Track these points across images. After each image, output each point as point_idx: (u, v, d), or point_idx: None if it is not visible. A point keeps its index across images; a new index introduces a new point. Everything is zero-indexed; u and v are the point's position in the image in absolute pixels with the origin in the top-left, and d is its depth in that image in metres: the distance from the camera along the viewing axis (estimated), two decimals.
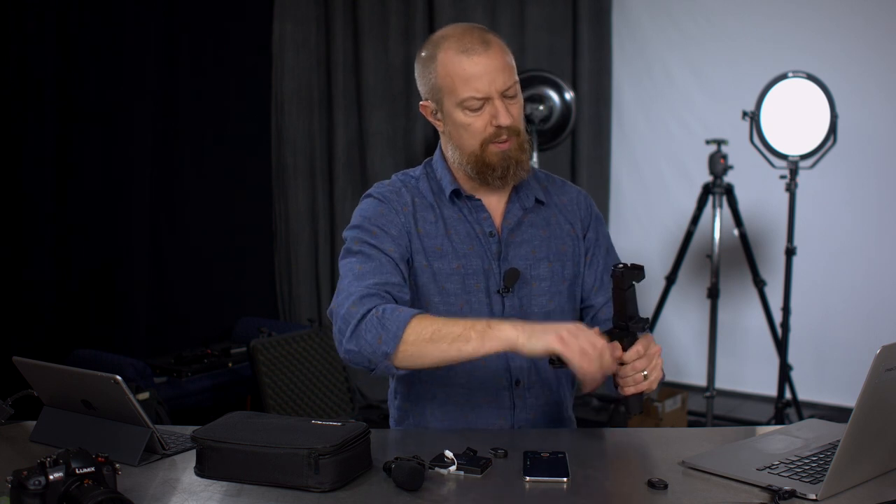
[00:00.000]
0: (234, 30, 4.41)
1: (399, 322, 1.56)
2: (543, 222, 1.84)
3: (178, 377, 3.70)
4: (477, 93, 1.70)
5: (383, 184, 1.84)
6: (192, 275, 4.27)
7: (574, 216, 1.87)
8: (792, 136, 3.72)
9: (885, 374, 1.30)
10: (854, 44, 4.27)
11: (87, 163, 3.87)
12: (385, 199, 1.78)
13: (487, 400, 1.78)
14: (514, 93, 1.73)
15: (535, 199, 1.84)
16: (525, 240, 1.81)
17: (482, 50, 1.70)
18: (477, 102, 1.71)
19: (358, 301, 1.61)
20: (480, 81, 1.69)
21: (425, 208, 1.80)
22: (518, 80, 1.76)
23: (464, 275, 1.77)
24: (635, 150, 4.97)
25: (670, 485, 1.40)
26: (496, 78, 1.70)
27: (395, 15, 4.79)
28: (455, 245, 1.78)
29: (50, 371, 1.67)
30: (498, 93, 1.70)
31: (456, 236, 1.79)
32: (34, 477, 1.24)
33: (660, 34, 4.83)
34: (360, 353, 1.58)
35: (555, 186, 1.90)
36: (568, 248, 1.84)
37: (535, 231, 1.82)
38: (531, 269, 1.79)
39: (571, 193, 1.90)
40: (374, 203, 1.78)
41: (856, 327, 4.30)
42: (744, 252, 3.99)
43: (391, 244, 1.72)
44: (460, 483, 1.44)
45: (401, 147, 4.85)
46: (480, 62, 1.70)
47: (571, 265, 1.83)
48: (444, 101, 1.74)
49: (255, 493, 1.40)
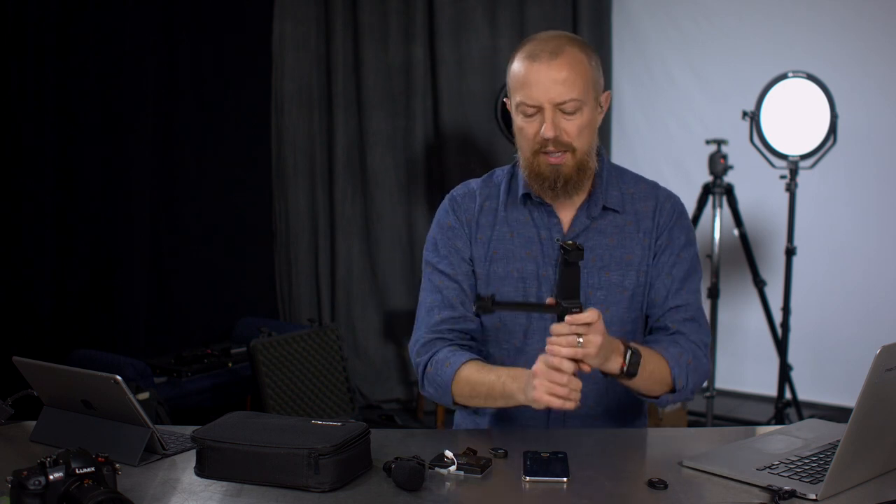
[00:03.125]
0: (234, 30, 4.40)
1: (445, 384, 1.75)
2: (615, 229, 1.81)
3: (178, 377, 3.69)
4: (529, 99, 1.71)
5: (466, 184, 1.90)
6: (192, 275, 4.27)
7: (650, 225, 1.82)
8: (792, 136, 3.72)
9: (885, 374, 1.30)
10: (854, 44, 4.27)
11: (88, 163, 3.86)
12: (455, 207, 1.86)
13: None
14: (574, 109, 1.70)
15: (602, 207, 1.80)
16: (588, 247, 1.78)
17: (547, 59, 1.70)
18: (530, 109, 1.72)
19: (422, 348, 1.81)
20: (535, 89, 1.70)
21: (491, 212, 1.84)
22: (591, 93, 1.73)
23: (516, 279, 1.80)
24: (635, 150, 4.96)
25: (670, 485, 1.41)
26: (551, 88, 1.69)
27: (395, 15, 4.79)
28: (514, 249, 1.81)
29: (50, 371, 1.67)
30: (551, 104, 1.69)
31: (518, 239, 1.82)
32: (34, 477, 1.24)
33: (660, 34, 4.83)
34: (434, 398, 1.80)
35: (639, 191, 1.84)
36: (635, 257, 1.80)
37: (601, 239, 1.80)
38: (588, 278, 1.77)
39: (658, 200, 1.84)
40: (445, 212, 1.87)
41: (856, 327, 4.30)
42: (744, 252, 3.99)
43: (458, 263, 1.83)
44: (460, 483, 1.44)
45: (401, 147, 4.85)
46: (540, 70, 1.70)
47: (636, 275, 1.79)
48: (513, 99, 1.77)
49: (255, 493, 1.40)
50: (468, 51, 4.74)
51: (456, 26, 4.76)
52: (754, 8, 4.53)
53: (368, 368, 4.76)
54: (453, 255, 1.84)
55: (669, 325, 1.80)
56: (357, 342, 4.81)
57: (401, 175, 4.86)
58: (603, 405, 1.82)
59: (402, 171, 4.86)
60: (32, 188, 3.69)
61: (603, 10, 4.85)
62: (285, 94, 4.62)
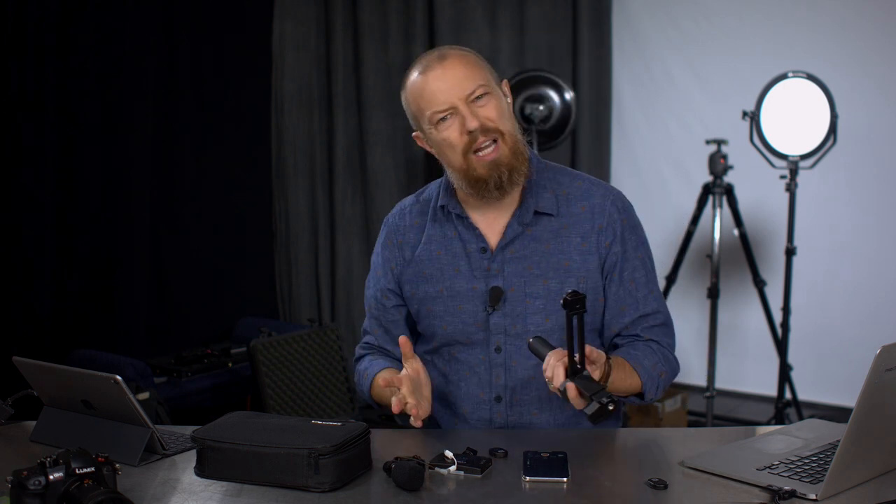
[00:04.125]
0: (234, 30, 4.41)
1: (364, 392, 1.92)
2: (550, 235, 1.75)
3: (178, 377, 3.69)
4: (439, 105, 1.69)
5: (400, 204, 1.91)
6: (192, 275, 4.27)
7: (588, 228, 1.75)
8: (792, 136, 3.72)
9: (885, 374, 1.30)
10: (854, 44, 4.27)
11: (88, 163, 3.86)
12: (388, 232, 1.88)
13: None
14: (484, 93, 1.69)
15: (534, 212, 1.75)
16: (524, 255, 1.75)
17: (437, 64, 1.70)
18: (444, 114, 1.69)
19: (357, 355, 2.00)
20: (440, 94, 1.69)
21: (419, 230, 1.83)
22: (493, 81, 1.73)
23: (446, 297, 1.78)
24: (635, 150, 4.96)
25: (670, 485, 1.40)
26: (455, 86, 1.68)
27: (395, 15, 4.79)
28: (442, 266, 1.79)
29: (50, 371, 1.67)
30: (462, 100, 1.68)
31: (445, 257, 1.79)
32: (34, 477, 1.24)
33: (660, 34, 4.83)
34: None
35: (575, 191, 1.78)
36: (574, 263, 1.73)
37: (536, 245, 1.75)
38: (526, 287, 1.73)
39: (594, 199, 1.77)
40: (381, 237, 1.90)
41: (856, 327, 4.30)
42: (744, 252, 3.99)
43: (386, 289, 1.88)
44: (460, 483, 1.44)
45: (401, 147, 4.85)
46: (436, 76, 1.69)
47: (576, 281, 1.73)
48: (422, 124, 1.74)
49: (255, 493, 1.40)
50: None
51: (456, 26, 4.76)
52: (754, 8, 4.53)
53: None
54: (382, 280, 1.88)
55: (641, 335, 1.77)
56: (357, 342, 4.80)
57: (401, 175, 4.86)
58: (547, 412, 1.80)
59: (402, 171, 4.86)
60: (32, 188, 3.69)
61: (603, 10, 4.85)
62: (285, 94, 4.62)
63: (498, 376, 1.77)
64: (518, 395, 1.77)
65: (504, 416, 1.78)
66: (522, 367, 1.76)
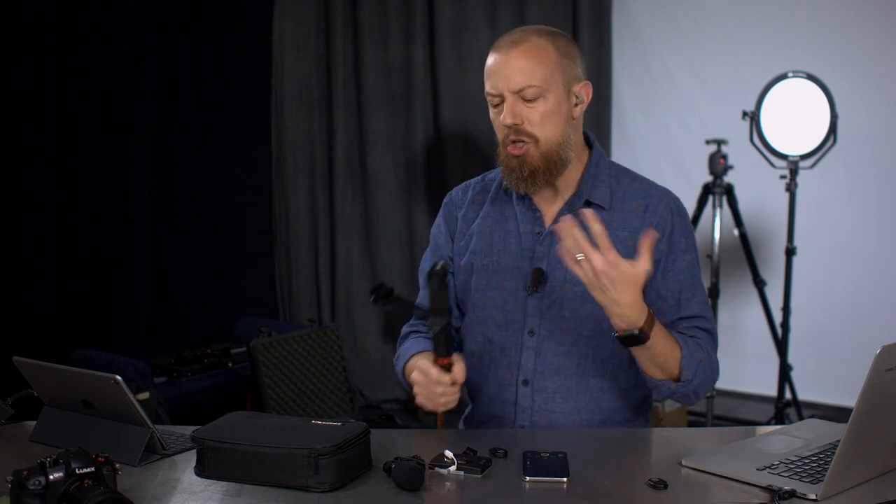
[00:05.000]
0: (234, 30, 4.41)
1: (399, 373, 1.89)
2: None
3: (178, 377, 3.69)
4: (492, 89, 1.73)
5: (465, 182, 1.96)
6: (192, 275, 4.27)
7: (638, 224, 1.75)
8: (792, 136, 3.72)
9: (885, 374, 1.30)
10: (854, 44, 4.27)
11: (88, 163, 3.86)
12: (447, 204, 1.94)
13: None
14: (535, 96, 1.69)
15: (586, 202, 1.77)
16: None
17: (507, 48, 1.71)
18: (494, 99, 1.73)
19: (403, 333, 1.99)
20: (495, 78, 1.72)
21: (479, 206, 1.88)
22: (556, 83, 1.71)
23: (490, 271, 1.82)
24: (635, 150, 4.96)
25: (670, 485, 1.40)
26: (510, 77, 1.69)
27: (395, 15, 4.79)
28: (493, 242, 1.84)
29: (50, 371, 1.67)
30: (510, 92, 1.70)
31: (498, 233, 1.84)
32: (34, 477, 1.24)
33: (660, 34, 4.83)
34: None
35: (633, 190, 1.80)
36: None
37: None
38: (567, 273, 1.71)
39: (650, 200, 1.78)
40: (441, 212, 1.96)
41: (856, 327, 4.30)
42: (744, 252, 3.99)
43: (447, 256, 1.90)
44: (460, 483, 1.44)
45: (401, 147, 4.85)
46: (500, 59, 1.72)
47: None
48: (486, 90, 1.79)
49: (255, 493, 1.40)
50: (468, 51, 4.74)
51: (456, 26, 4.76)
52: (754, 8, 4.53)
53: (368, 368, 4.76)
54: (435, 257, 1.93)
55: (683, 332, 1.74)
56: (357, 342, 4.81)
57: (401, 175, 4.86)
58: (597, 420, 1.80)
59: (402, 171, 4.86)
60: (32, 188, 3.69)
61: (603, 10, 4.84)
62: (285, 94, 4.62)
63: (528, 359, 1.78)
64: (545, 380, 1.78)
65: (529, 400, 1.78)
66: (553, 352, 1.77)
